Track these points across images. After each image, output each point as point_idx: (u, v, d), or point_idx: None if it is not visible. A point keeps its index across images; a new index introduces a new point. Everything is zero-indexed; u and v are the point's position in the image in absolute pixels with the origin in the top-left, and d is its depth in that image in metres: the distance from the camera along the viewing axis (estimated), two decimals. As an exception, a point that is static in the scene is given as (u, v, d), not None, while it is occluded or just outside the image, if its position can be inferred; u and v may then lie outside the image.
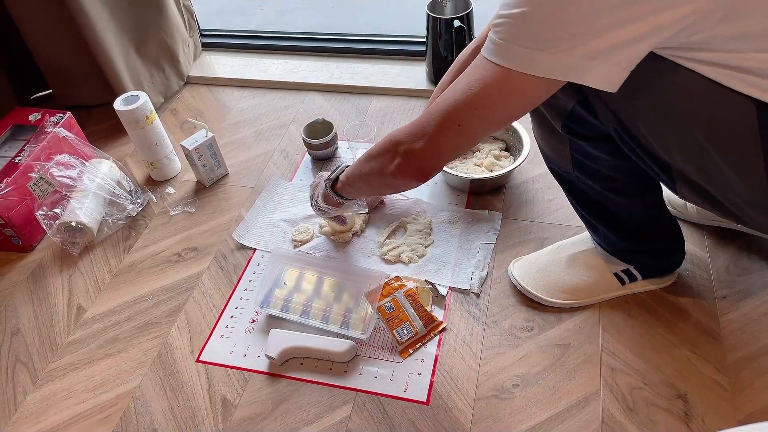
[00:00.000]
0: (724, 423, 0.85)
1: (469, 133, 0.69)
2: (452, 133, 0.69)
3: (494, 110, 0.67)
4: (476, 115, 0.67)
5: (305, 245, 1.18)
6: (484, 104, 0.66)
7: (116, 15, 1.45)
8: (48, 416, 0.97)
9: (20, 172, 1.20)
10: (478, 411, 0.90)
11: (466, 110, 0.67)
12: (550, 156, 0.92)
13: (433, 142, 0.71)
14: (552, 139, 0.87)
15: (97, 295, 1.15)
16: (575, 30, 0.57)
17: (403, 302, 1.03)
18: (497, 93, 0.64)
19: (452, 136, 0.70)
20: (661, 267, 1.00)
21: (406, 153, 0.74)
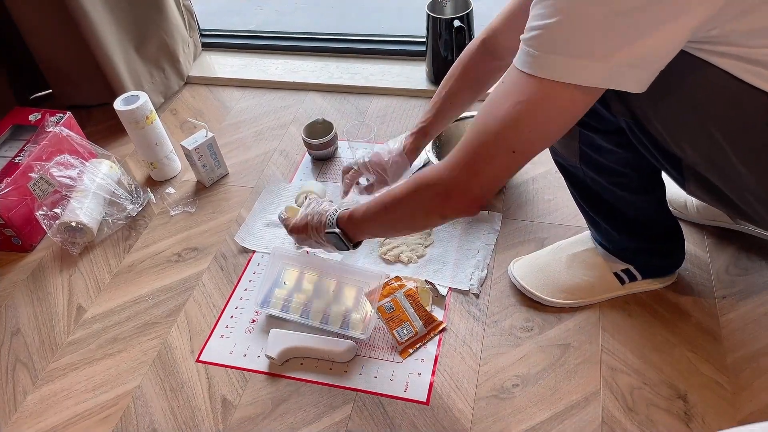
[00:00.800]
0: (724, 423, 0.85)
1: (523, 157, 0.67)
2: (506, 160, 0.67)
3: (546, 127, 0.64)
4: (528, 136, 0.65)
5: None
6: (533, 124, 0.63)
7: (116, 15, 1.45)
8: (48, 416, 0.97)
9: (20, 172, 1.20)
10: (478, 411, 0.90)
11: (516, 134, 0.64)
12: (557, 149, 0.91)
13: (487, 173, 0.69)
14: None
15: (97, 295, 1.15)
16: (612, 37, 0.56)
17: (403, 302, 1.03)
18: (544, 108, 0.62)
19: (506, 164, 0.68)
20: (662, 267, 1.00)
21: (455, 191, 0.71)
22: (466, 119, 1.30)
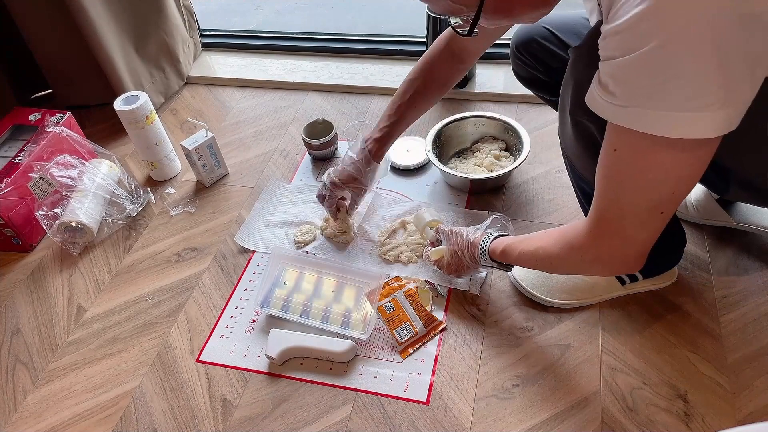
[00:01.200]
0: (724, 423, 0.85)
1: (671, 213, 0.69)
2: (658, 222, 0.69)
3: (689, 184, 0.66)
4: (675, 195, 0.66)
5: (308, 246, 1.18)
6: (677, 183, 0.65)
7: (116, 15, 1.45)
8: (48, 416, 0.97)
9: (20, 172, 1.20)
10: (478, 411, 0.91)
11: (666, 198, 0.66)
12: (586, 175, 0.88)
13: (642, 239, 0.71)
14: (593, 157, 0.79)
15: (97, 295, 1.15)
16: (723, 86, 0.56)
17: (403, 302, 1.03)
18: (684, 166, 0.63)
19: (658, 225, 0.69)
20: (662, 265, 1.00)
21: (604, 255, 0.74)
22: (467, 119, 1.30)
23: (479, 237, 0.97)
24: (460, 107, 1.46)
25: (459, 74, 1.09)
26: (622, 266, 0.75)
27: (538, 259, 0.85)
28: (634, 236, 0.70)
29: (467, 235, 0.99)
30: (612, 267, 0.76)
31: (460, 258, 0.98)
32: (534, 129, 1.36)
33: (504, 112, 1.30)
